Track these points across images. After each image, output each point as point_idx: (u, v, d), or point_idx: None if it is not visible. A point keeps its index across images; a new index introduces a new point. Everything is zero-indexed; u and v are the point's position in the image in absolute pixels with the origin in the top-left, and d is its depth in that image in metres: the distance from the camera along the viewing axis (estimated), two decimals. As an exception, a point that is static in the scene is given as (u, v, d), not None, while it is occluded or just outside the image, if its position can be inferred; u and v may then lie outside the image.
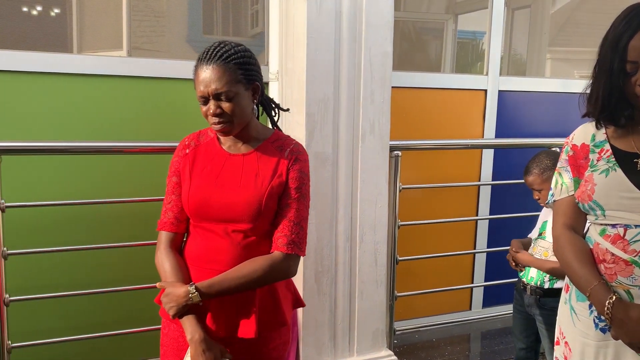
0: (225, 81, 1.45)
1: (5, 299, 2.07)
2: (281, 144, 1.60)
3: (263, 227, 1.55)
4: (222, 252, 1.53)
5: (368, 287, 2.49)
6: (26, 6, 2.40)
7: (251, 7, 2.94)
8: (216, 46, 1.49)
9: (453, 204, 3.28)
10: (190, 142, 1.62)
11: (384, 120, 2.41)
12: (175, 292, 1.47)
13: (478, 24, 3.82)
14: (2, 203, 2.03)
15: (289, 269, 1.55)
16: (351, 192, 2.41)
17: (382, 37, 2.36)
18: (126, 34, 2.51)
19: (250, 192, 1.51)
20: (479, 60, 3.81)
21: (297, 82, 2.32)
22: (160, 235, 1.59)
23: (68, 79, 2.35)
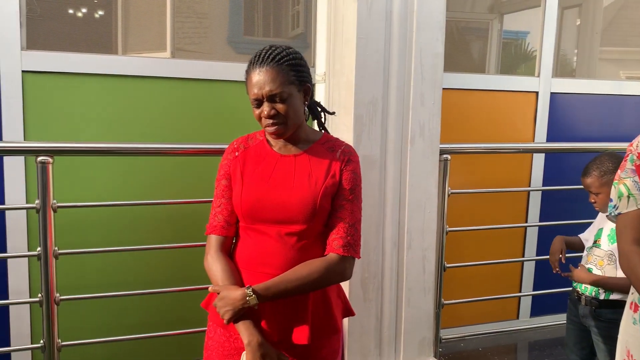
0: (279, 82, 1.45)
1: (56, 298, 2.09)
2: (332, 145, 1.59)
3: (316, 229, 1.53)
4: (275, 255, 1.51)
5: (415, 295, 2.43)
6: (72, 8, 2.43)
7: (292, 8, 2.92)
8: (268, 49, 1.49)
9: (501, 209, 3.17)
10: (239, 145, 1.61)
11: (434, 123, 2.35)
12: (231, 295, 1.45)
13: (522, 23, 3.71)
14: (54, 203, 2.06)
15: (344, 271, 1.53)
16: (399, 196, 2.35)
17: (433, 37, 2.30)
18: (170, 35, 2.51)
19: (304, 192, 1.50)
20: (524, 60, 3.69)
21: (345, 84, 2.28)
22: (210, 239, 1.58)
23: (115, 80, 2.38)
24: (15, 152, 2.09)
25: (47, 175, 2.03)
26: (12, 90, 2.22)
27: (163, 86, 2.45)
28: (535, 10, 3.79)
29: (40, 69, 2.26)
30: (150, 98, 2.43)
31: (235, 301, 1.44)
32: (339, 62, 2.34)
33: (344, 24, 2.29)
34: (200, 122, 2.52)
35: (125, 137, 2.40)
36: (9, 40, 2.21)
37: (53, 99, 2.29)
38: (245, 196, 1.51)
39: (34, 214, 2.26)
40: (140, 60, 2.46)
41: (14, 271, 2.28)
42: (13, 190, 2.26)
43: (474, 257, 3.01)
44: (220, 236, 1.57)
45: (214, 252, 1.56)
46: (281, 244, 1.50)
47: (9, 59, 2.21)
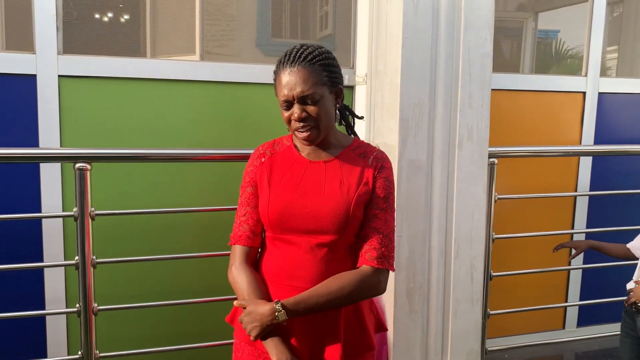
0: (311, 83, 1.38)
1: (94, 308, 2.04)
2: (363, 151, 1.52)
3: (348, 240, 1.45)
4: (305, 267, 1.42)
5: (463, 306, 2.31)
6: (107, 11, 2.38)
7: (320, 9, 2.86)
8: (298, 48, 1.42)
9: (546, 215, 3.04)
10: (265, 150, 1.53)
11: (483, 126, 2.23)
12: (258, 310, 1.37)
13: (557, 21, 3.58)
14: (92, 211, 2.00)
15: (379, 284, 1.45)
16: (446, 202, 2.24)
17: (481, 37, 2.19)
18: (199, 38, 2.46)
19: (336, 200, 1.42)
20: (558, 60, 3.55)
21: (389, 85, 2.18)
22: (234, 249, 1.50)
23: (151, 84, 2.32)
24: (53, 159, 2.05)
25: (85, 182, 1.97)
26: (49, 95, 2.18)
27: (195, 89, 2.38)
28: (573, 8, 3.66)
29: (77, 73, 2.21)
30: (184, 101, 2.37)
31: (263, 317, 1.36)
32: (382, 62, 2.24)
33: (387, 22, 2.19)
34: (237, 126, 2.44)
35: (160, 142, 2.34)
36: (45, 44, 2.16)
37: (89, 104, 2.24)
38: (273, 204, 1.43)
39: (70, 221, 2.22)
40: (171, 63, 2.39)
41: (50, 280, 2.24)
42: (49, 198, 2.21)
43: (518, 265, 2.89)
44: (245, 247, 1.49)
45: (238, 263, 1.48)
46: (311, 256, 1.42)
47: (45, 64, 2.16)
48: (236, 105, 2.43)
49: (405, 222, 2.17)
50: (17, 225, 2.20)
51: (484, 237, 2.32)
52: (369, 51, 2.37)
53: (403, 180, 2.15)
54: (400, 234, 2.17)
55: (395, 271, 1.52)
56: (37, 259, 2.21)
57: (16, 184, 2.18)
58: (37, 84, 2.16)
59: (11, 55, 2.14)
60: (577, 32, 3.57)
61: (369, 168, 1.48)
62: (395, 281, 2.19)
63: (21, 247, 2.21)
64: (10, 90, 2.15)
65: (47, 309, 2.24)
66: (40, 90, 2.17)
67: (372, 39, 2.35)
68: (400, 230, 2.17)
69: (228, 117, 2.42)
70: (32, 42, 2.17)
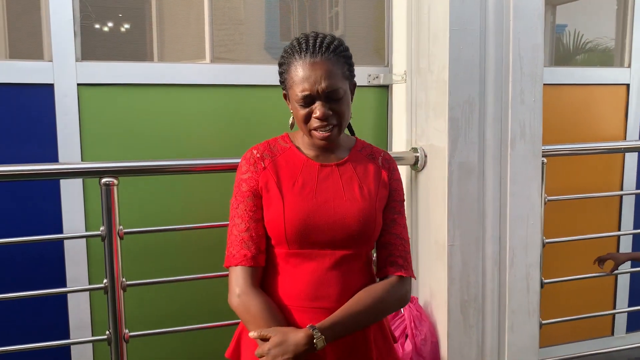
0: (337, 77, 1.24)
1: (125, 335, 1.87)
2: (370, 151, 1.39)
3: (370, 248, 1.34)
4: (330, 285, 1.27)
5: (519, 318, 2.14)
6: (120, 17, 2.23)
7: (329, 10, 2.73)
8: (315, 36, 1.25)
9: (592, 216, 2.87)
10: (263, 153, 1.33)
11: (535, 123, 2.07)
12: (291, 340, 1.18)
13: (571, 15, 3.44)
14: (121, 229, 1.84)
15: (407, 294, 1.33)
16: (499, 207, 2.07)
17: (532, 27, 2.03)
18: (209, 43, 2.31)
19: (360, 206, 1.28)
20: (575, 54, 3.40)
21: (435, 83, 2.02)
22: (236, 272, 1.27)
23: (173, 90, 2.16)
24: (78, 174, 1.88)
25: (112, 198, 1.81)
26: (68, 105, 2.02)
27: (220, 94, 2.23)
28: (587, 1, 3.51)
29: (97, 81, 2.05)
30: (208, 107, 2.20)
31: (297, 346, 1.17)
32: (425, 59, 2.08)
33: (430, 15, 2.04)
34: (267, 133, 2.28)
35: (186, 151, 2.17)
36: (62, 51, 2.00)
37: (111, 114, 2.08)
38: (291, 216, 1.25)
39: (93, 242, 2.06)
40: (203, 67, 2.23)
41: (75, 306, 2.07)
42: (71, 217, 2.05)
43: (565, 270, 2.71)
44: (250, 267, 1.27)
45: (246, 287, 1.26)
46: (336, 271, 1.27)
47: (63, 72, 2.00)
48: (265, 111, 2.26)
49: (457, 230, 2.01)
50: (37, 248, 2.03)
51: (539, 242, 2.15)
52: (408, 48, 2.21)
53: (454, 185, 1.99)
54: (452, 243, 2.01)
55: (450, 284, 1.36)
56: (60, 283, 2.04)
57: (35, 202, 2.02)
58: (54, 93, 2.00)
59: (26, 63, 1.99)
60: (596, 24, 3.43)
61: (383, 170, 1.36)
62: (449, 294, 2.03)
63: (42, 271, 2.04)
64: (26, 102, 1.99)
65: (72, 336, 2.06)
66: (58, 101, 2.01)
67: (410, 35, 2.19)
68: (453, 239, 2.01)
69: (256, 123, 2.25)
70: (48, 49, 2.01)
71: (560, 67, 2.89)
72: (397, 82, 2.30)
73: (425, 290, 2.18)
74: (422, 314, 2.12)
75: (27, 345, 1.85)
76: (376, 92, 2.39)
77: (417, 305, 2.15)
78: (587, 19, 3.48)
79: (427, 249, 2.15)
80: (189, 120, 2.17)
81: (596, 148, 2.54)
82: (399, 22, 2.27)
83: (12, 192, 1.99)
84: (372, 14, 2.48)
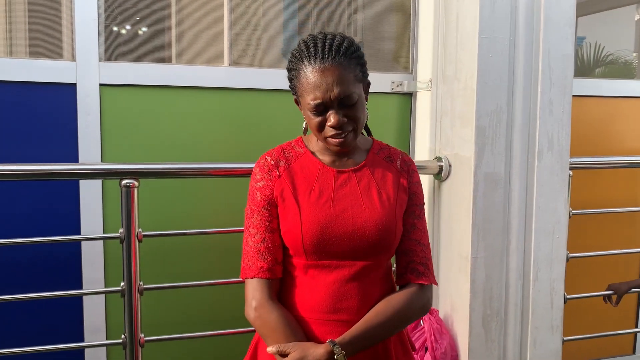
0: (350, 82, 1.17)
1: (141, 339, 1.84)
2: (387, 153, 1.33)
3: (391, 256, 1.28)
4: (351, 297, 1.22)
5: (542, 334, 2.09)
6: (143, 18, 2.21)
7: (348, 17, 2.71)
8: (324, 39, 1.18)
9: (616, 231, 2.80)
10: (277, 160, 1.28)
11: (564, 134, 2.02)
12: (311, 355, 1.14)
13: (591, 27, 3.39)
14: (140, 232, 1.81)
15: (428, 302, 1.28)
16: (524, 219, 2.03)
17: (562, 36, 1.99)
18: (227, 47, 2.29)
19: (380, 213, 1.23)
20: (595, 67, 3.35)
21: (462, 91, 1.98)
22: (252, 284, 1.23)
23: (197, 92, 2.13)
24: (98, 175, 1.86)
25: (132, 201, 1.79)
26: (89, 105, 2.00)
27: (238, 98, 2.20)
28: (610, 13, 3.47)
29: (120, 82, 2.03)
30: (226, 110, 2.17)
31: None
32: (452, 66, 2.04)
33: (458, 22, 2.00)
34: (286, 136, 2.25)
35: (207, 154, 2.14)
36: (85, 50, 1.99)
37: (132, 115, 2.06)
38: (308, 226, 1.20)
39: (111, 244, 2.03)
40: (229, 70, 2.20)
41: (90, 308, 2.04)
42: (89, 218, 2.02)
43: (589, 286, 2.65)
44: (267, 279, 1.22)
45: (264, 300, 1.21)
46: (357, 282, 1.22)
47: (85, 72, 1.99)
48: (283, 115, 2.23)
49: (481, 242, 1.96)
50: (54, 249, 2.01)
51: (564, 257, 2.10)
52: (434, 55, 2.17)
53: (479, 196, 1.94)
54: (476, 255, 1.96)
55: (472, 296, 1.32)
56: (77, 285, 2.01)
57: (54, 202, 2.00)
58: (77, 93, 1.99)
59: (49, 62, 1.97)
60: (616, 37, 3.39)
61: (401, 173, 1.30)
62: (471, 307, 1.98)
63: (58, 272, 2.02)
64: (48, 101, 1.98)
65: (87, 339, 2.04)
66: (80, 100, 1.99)
67: (437, 42, 2.15)
68: (476, 251, 1.96)
69: (274, 127, 2.22)
70: (71, 49, 2.00)
71: (585, 79, 2.83)
72: (422, 90, 2.26)
73: (446, 303, 2.13)
74: (443, 327, 2.07)
75: (41, 347, 1.83)
76: (399, 100, 2.35)
77: (438, 317, 2.10)
78: (607, 31, 3.44)
79: (449, 260, 2.10)
80: (208, 122, 2.15)
81: (623, 162, 2.49)
82: (425, 29, 2.24)
83: (32, 191, 1.98)
84: (394, 20, 2.45)
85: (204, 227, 2.09)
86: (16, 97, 1.94)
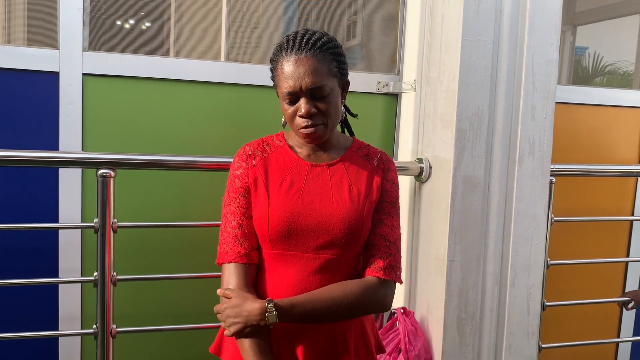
0: (323, 74, 1.20)
1: (112, 330, 1.84)
2: (366, 152, 1.35)
3: (356, 252, 1.28)
4: (312, 289, 1.24)
5: (518, 340, 2.08)
6: (129, 9, 2.21)
7: (348, 18, 2.71)
8: (303, 33, 1.23)
9: (600, 239, 2.79)
10: (255, 150, 1.32)
11: (545, 140, 2.02)
12: (246, 307, 1.17)
13: (592, 37, 3.38)
14: (114, 222, 1.81)
15: (385, 299, 1.26)
16: (503, 224, 2.02)
17: (547, 42, 1.98)
18: (224, 45, 2.29)
19: (347, 208, 1.24)
20: (594, 76, 3.34)
21: (444, 93, 1.98)
22: (229, 269, 1.25)
23: (180, 85, 2.13)
24: (75, 164, 1.86)
25: (107, 191, 1.79)
26: (72, 94, 2.00)
27: (225, 92, 2.19)
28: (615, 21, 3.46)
29: (103, 72, 2.03)
30: (215, 104, 2.17)
31: (250, 315, 1.16)
32: (436, 67, 2.04)
33: (443, 25, 1.99)
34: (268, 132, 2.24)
35: (189, 147, 2.14)
36: (69, 40, 1.99)
37: (114, 105, 2.06)
38: (275, 216, 1.23)
39: (88, 233, 2.03)
40: (209, 64, 2.19)
41: (65, 297, 2.04)
42: (68, 207, 2.02)
43: (570, 294, 2.64)
44: (244, 264, 1.25)
45: (241, 286, 1.23)
46: (319, 275, 1.23)
47: (69, 61, 1.99)
48: (267, 110, 2.23)
49: (458, 245, 1.95)
50: (32, 236, 2.01)
51: (542, 263, 2.09)
52: (419, 56, 2.17)
53: (457, 199, 1.94)
54: (452, 258, 1.96)
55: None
56: (53, 274, 2.01)
57: (33, 190, 2.00)
58: (59, 82, 1.99)
59: (33, 50, 1.97)
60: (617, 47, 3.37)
61: (376, 171, 1.31)
62: (446, 311, 1.97)
63: (35, 260, 2.02)
64: (30, 88, 1.98)
65: (61, 328, 2.03)
66: (62, 89, 1.99)
67: (422, 43, 2.15)
68: (453, 254, 1.95)
69: (259, 122, 2.22)
70: (55, 38, 2.00)
71: (578, 87, 2.82)
72: (407, 91, 2.26)
73: (422, 305, 2.12)
74: (418, 329, 2.07)
75: (13, 334, 1.83)
76: (385, 100, 2.35)
77: (413, 319, 2.09)
78: (608, 41, 3.42)
79: (426, 262, 2.10)
80: (194, 116, 2.15)
81: (607, 170, 2.47)
82: (412, 30, 2.23)
83: (11, 178, 1.98)
84: (388, 22, 2.44)
85: (182, 220, 2.08)
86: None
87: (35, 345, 2.03)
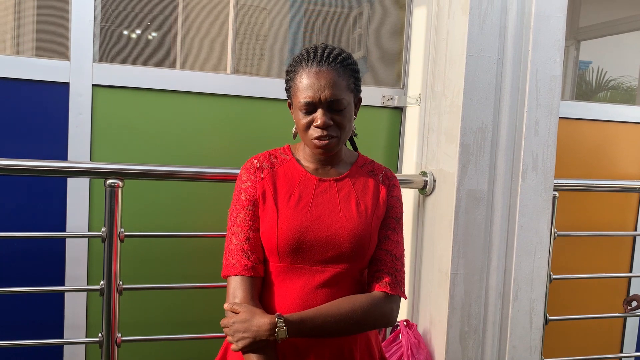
0: (342, 88, 1.23)
1: (117, 339, 1.85)
2: (371, 168, 1.37)
3: (363, 265, 1.30)
4: (318, 302, 1.25)
5: (520, 354, 2.08)
6: (139, 22, 2.25)
7: (353, 31, 2.74)
8: (324, 47, 1.26)
9: (603, 254, 2.80)
10: (263, 163, 1.33)
11: (549, 155, 2.03)
12: (255, 321, 1.17)
13: (595, 52, 3.42)
14: (122, 232, 1.83)
15: (391, 313, 1.27)
16: (506, 238, 2.03)
17: (551, 58, 2.00)
18: (230, 57, 2.32)
19: (355, 223, 1.26)
20: (597, 91, 3.37)
21: (449, 107, 2.00)
22: (234, 282, 1.26)
23: (188, 97, 2.16)
24: (83, 173, 1.88)
25: (115, 200, 1.81)
26: (81, 105, 2.03)
27: (235, 105, 2.22)
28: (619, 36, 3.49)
29: (113, 83, 2.06)
30: (222, 116, 2.20)
31: (259, 329, 1.16)
32: (440, 83, 2.06)
33: (448, 40, 2.02)
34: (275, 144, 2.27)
35: (197, 158, 2.16)
36: (80, 51, 2.02)
37: (123, 116, 2.09)
38: (284, 229, 1.24)
39: (95, 242, 2.05)
40: (220, 77, 2.22)
41: (71, 305, 2.05)
42: (75, 216, 2.04)
43: (572, 308, 2.65)
44: (250, 277, 1.25)
45: (247, 299, 1.23)
46: (326, 289, 1.25)
47: (79, 72, 2.02)
48: (273, 122, 2.25)
49: (461, 259, 1.97)
50: (39, 245, 2.03)
51: (545, 277, 2.10)
52: (424, 70, 2.20)
53: (461, 213, 1.95)
54: (455, 271, 1.97)
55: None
56: (59, 282, 2.03)
57: (41, 199, 2.02)
58: (69, 92, 2.02)
59: (44, 61, 2.01)
60: (621, 62, 3.40)
61: (382, 186, 1.34)
62: (448, 324, 1.98)
63: (42, 268, 2.04)
64: (41, 99, 2.01)
65: (67, 336, 2.05)
66: (72, 100, 2.02)
67: (427, 58, 2.18)
68: (456, 267, 1.96)
69: (264, 133, 2.24)
70: (66, 49, 2.03)
71: (580, 102, 2.85)
72: (411, 105, 2.28)
73: (425, 318, 2.13)
74: (421, 342, 2.07)
75: (19, 342, 1.85)
76: (390, 114, 2.37)
77: (416, 332, 2.10)
78: (611, 56, 3.45)
79: (429, 275, 2.11)
80: (202, 128, 2.17)
81: (610, 186, 2.49)
82: (417, 45, 2.26)
83: (20, 187, 2.00)
84: (393, 36, 2.48)
85: (189, 231, 2.10)
86: (9, 93, 1.97)
87: (40, 352, 2.05)
